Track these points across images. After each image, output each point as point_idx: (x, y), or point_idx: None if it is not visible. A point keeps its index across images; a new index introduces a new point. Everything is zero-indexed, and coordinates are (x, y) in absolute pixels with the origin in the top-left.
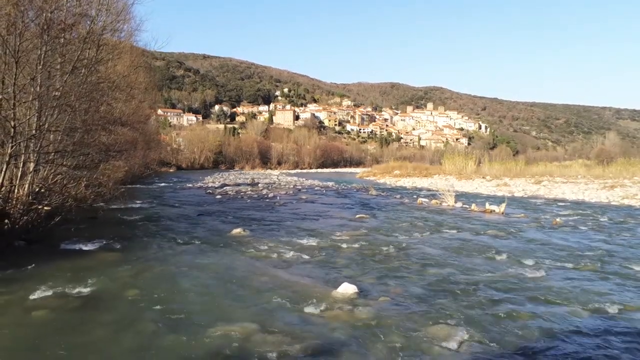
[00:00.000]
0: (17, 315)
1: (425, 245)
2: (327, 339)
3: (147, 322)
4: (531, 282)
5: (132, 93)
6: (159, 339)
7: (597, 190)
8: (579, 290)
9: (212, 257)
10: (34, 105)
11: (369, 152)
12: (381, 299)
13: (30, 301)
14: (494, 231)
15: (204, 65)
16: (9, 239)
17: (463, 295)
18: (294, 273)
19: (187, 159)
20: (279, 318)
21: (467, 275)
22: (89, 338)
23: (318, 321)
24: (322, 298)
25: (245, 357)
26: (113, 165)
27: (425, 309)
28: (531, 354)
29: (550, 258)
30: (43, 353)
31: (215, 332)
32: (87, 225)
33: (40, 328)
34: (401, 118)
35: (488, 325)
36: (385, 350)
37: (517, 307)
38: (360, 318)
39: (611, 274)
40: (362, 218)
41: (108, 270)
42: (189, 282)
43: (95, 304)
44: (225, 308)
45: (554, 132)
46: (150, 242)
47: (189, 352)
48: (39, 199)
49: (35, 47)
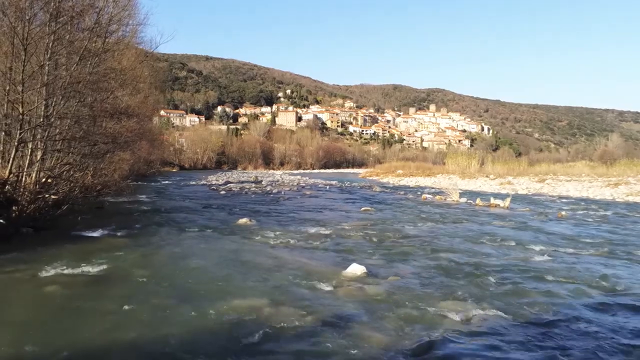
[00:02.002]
0: (28, 291)
1: (431, 233)
2: (338, 311)
3: (158, 296)
4: (538, 264)
5: (138, 87)
6: (170, 311)
7: (601, 188)
8: (585, 271)
9: (220, 243)
10: (41, 93)
11: (372, 154)
12: (390, 278)
13: (40, 278)
14: (500, 222)
15: (206, 66)
16: (17, 226)
17: (472, 276)
18: (302, 256)
19: (190, 159)
20: (288, 294)
21: (475, 258)
22: (100, 310)
23: (328, 297)
24: (331, 277)
25: (256, 328)
26: (119, 157)
27: (436, 287)
28: (542, 324)
29: (557, 245)
30: (55, 322)
31: (225, 306)
32: (93, 215)
33: (52, 301)
34: (403, 120)
35: (498, 301)
36: (398, 321)
37: (526, 285)
38: (370, 294)
39: (616, 258)
40: (367, 211)
41: (117, 253)
42: (198, 263)
43: (105, 281)
44: (234, 285)
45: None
46: (157, 230)
47: (200, 323)
48: (46, 188)
49: (44, 35)
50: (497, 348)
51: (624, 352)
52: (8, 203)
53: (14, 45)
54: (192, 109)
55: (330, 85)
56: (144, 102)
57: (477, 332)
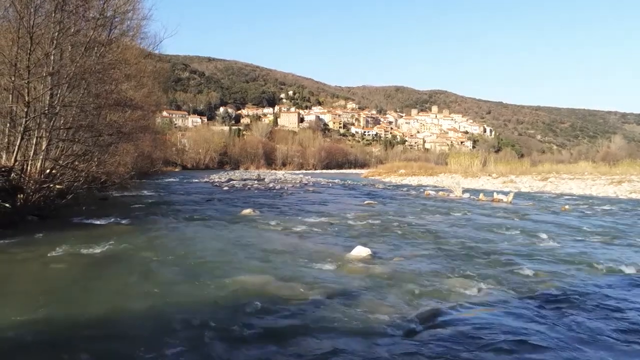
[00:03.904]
0: (36, 268)
1: (435, 223)
2: (343, 286)
3: (163, 273)
4: (545, 250)
5: (142, 81)
6: (175, 285)
7: (605, 186)
8: (592, 255)
9: (224, 230)
10: (47, 82)
11: (374, 155)
12: (395, 259)
13: (48, 257)
14: (504, 214)
15: (209, 67)
16: (23, 214)
17: (478, 258)
18: (307, 241)
19: (192, 159)
20: (293, 272)
21: (480, 244)
22: (106, 284)
23: (333, 274)
24: (335, 259)
25: (261, 299)
26: (123, 148)
27: (442, 266)
28: (547, 298)
29: (560, 233)
30: (63, 293)
31: (230, 281)
32: (97, 206)
33: (60, 275)
34: (406, 121)
35: (505, 279)
36: (404, 294)
37: (531, 266)
38: (376, 273)
39: (621, 245)
40: (370, 204)
41: (121, 237)
42: (202, 245)
43: (111, 260)
44: (239, 264)
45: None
46: (161, 218)
47: (204, 295)
48: (51, 178)
49: (49, 23)
50: (502, 317)
51: (624, 319)
52: (14, 190)
53: (20, 33)
54: (194, 109)
55: (333, 87)
56: (147, 96)
57: (483, 303)
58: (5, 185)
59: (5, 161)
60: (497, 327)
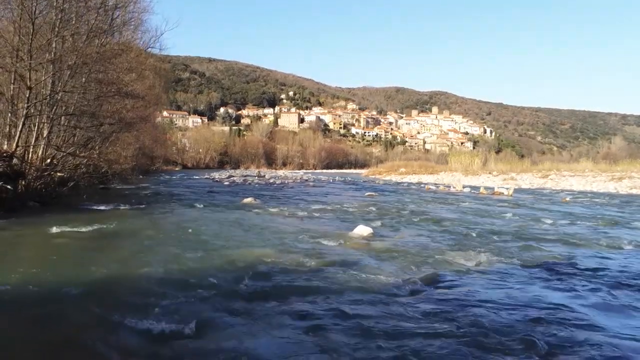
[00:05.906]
0: (40, 243)
1: (435, 210)
2: (346, 258)
3: (165, 247)
4: (549, 232)
5: (144, 74)
6: (180, 257)
7: (605, 182)
8: (596, 236)
9: (226, 214)
10: (49, 69)
11: (374, 155)
12: (397, 237)
13: (51, 234)
14: (506, 204)
15: (209, 68)
16: (24, 199)
17: (479, 237)
18: (308, 223)
19: (193, 159)
20: (295, 247)
21: (481, 226)
22: (109, 255)
23: (335, 249)
24: (338, 236)
25: (264, 267)
26: (124, 138)
27: (443, 242)
28: (547, 268)
29: (560, 219)
30: (68, 262)
31: (233, 253)
32: (99, 195)
33: (64, 248)
34: (406, 122)
35: (505, 252)
36: (406, 263)
37: (532, 244)
38: (378, 248)
39: (624, 227)
40: (371, 196)
41: (125, 219)
42: (205, 225)
43: (114, 236)
44: (242, 239)
45: (559, 138)
46: (163, 205)
47: (209, 263)
48: (52, 165)
49: (51, 9)
50: (502, 282)
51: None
52: (15, 176)
53: (22, 18)
54: (194, 110)
55: (333, 88)
56: (149, 88)
57: (484, 272)
58: (7, 170)
59: (7, 147)
60: (496, 288)
